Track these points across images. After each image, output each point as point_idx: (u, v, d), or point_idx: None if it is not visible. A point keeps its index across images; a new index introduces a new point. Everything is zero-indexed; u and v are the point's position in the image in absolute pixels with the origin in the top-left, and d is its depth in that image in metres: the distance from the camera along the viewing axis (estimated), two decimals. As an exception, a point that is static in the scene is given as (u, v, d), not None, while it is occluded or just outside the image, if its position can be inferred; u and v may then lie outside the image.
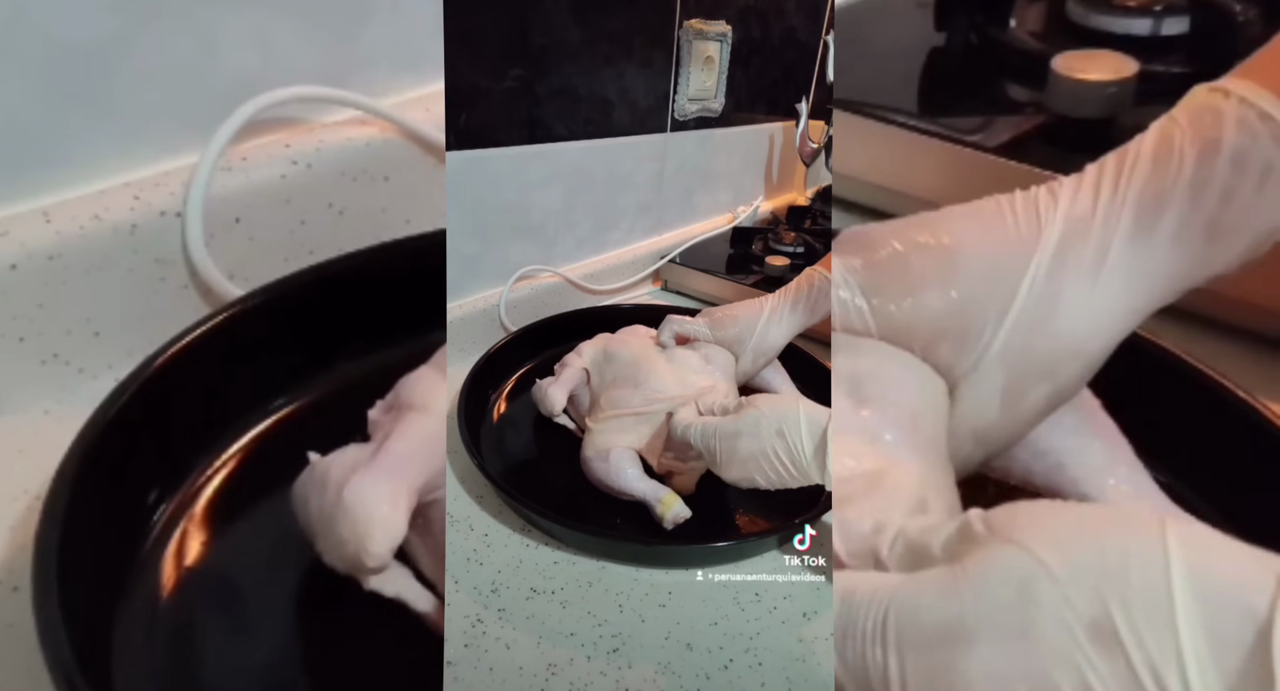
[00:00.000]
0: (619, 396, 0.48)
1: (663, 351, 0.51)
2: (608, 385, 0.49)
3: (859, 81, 0.67)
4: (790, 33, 0.88)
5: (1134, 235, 0.29)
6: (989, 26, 0.71)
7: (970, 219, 0.31)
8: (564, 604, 0.41)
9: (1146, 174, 0.29)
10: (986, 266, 0.30)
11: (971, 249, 0.30)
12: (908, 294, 0.31)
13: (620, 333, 0.54)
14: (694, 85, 0.76)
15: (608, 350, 0.51)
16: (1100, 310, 0.29)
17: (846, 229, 0.33)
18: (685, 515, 0.45)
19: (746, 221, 0.87)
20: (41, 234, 0.43)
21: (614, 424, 0.47)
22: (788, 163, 0.97)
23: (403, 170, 0.56)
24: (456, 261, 0.63)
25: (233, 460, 0.42)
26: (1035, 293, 0.29)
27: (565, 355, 0.53)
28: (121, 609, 0.34)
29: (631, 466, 0.46)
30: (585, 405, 0.51)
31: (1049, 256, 0.29)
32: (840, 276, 0.31)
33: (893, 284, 0.31)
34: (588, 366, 0.51)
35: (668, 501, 0.45)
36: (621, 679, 0.37)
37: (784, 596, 0.42)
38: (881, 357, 0.31)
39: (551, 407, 0.50)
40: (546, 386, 0.51)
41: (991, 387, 0.31)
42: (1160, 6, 0.65)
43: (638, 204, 0.77)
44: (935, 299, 0.30)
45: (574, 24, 0.64)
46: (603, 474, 0.46)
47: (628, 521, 0.46)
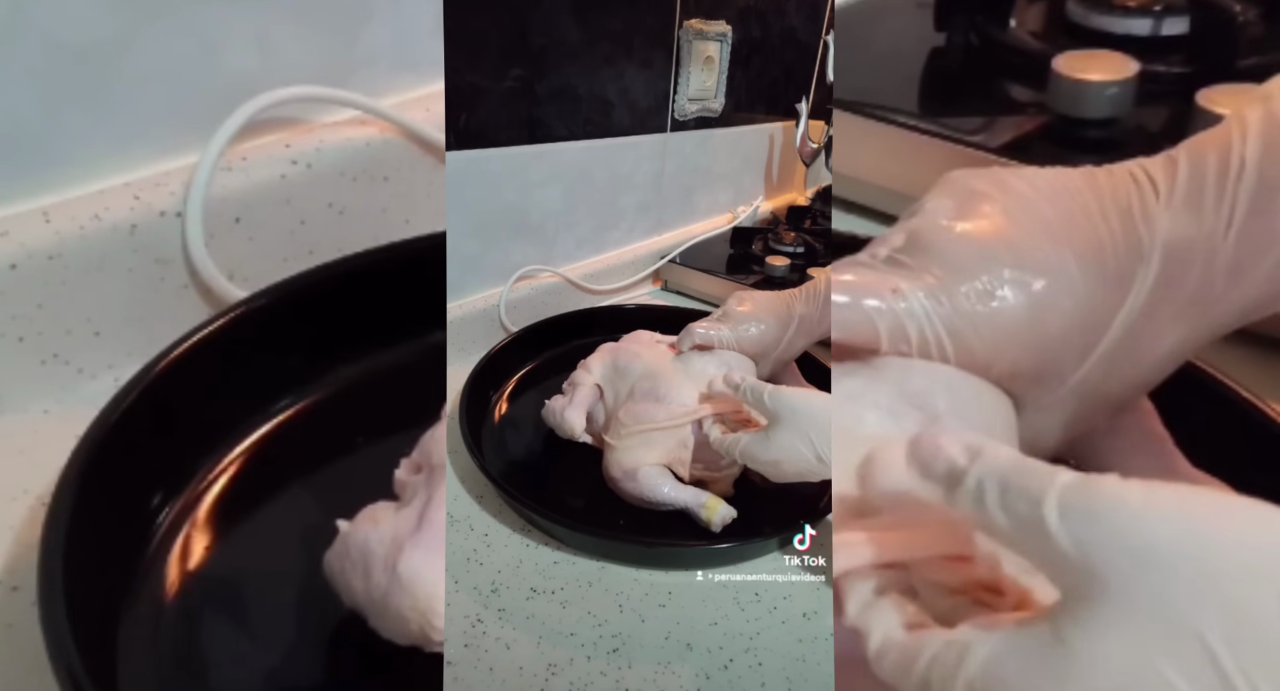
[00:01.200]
0: (641, 411, 0.47)
1: (677, 359, 0.50)
2: (625, 400, 0.48)
3: (859, 81, 0.67)
4: (790, 33, 0.88)
5: (1235, 271, 0.27)
6: (989, 26, 0.71)
7: (1065, 239, 0.28)
8: (564, 604, 0.41)
9: (1253, 188, 0.26)
10: (1080, 305, 0.28)
11: (1064, 285, 0.28)
12: (991, 329, 0.28)
13: (625, 342, 0.53)
14: (694, 85, 0.76)
15: (617, 363, 0.50)
16: (1179, 343, 0.28)
17: (952, 172, 0.31)
18: (731, 515, 0.45)
19: (746, 221, 0.87)
20: (41, 234, 0.43)
21: (638, 440, 0.46)
22: (788, 163, 0.97)
23: (403, 170, 0.56)
24: (456, 261, 0.63)
25: (236, 462, 0.42)
26: (1123, 332, 0.28)
27: (573, 373, 0.52)
28: (126, 611, 0.34)
29: (664, 481, 0.45)
30: (600, 420, 0.50)
31: (1145, 294, 0.28)
32: (920, 301, 0.29)
33: (978, 319, 0.28)
34: (599, 383, 0.50)
35: (711, 505, 0.45)
36: (621, 679, 0.37)
37: (784, 596, 0.42)
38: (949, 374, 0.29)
39: (571, 432, 0.49)
40: (561, 410, 0.50)
41: (1058, 417, 0.30)
42: (1160, 6, 0.65)
43: (638, 204, 0.77)
44: (1021, 339, 0.28)
45: (574, 24, 0.64)
46: (635, 491, 0.46)
47: (628, 521, 0.46)
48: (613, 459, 0.47)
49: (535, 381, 0.59)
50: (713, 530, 0.44)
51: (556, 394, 0.52)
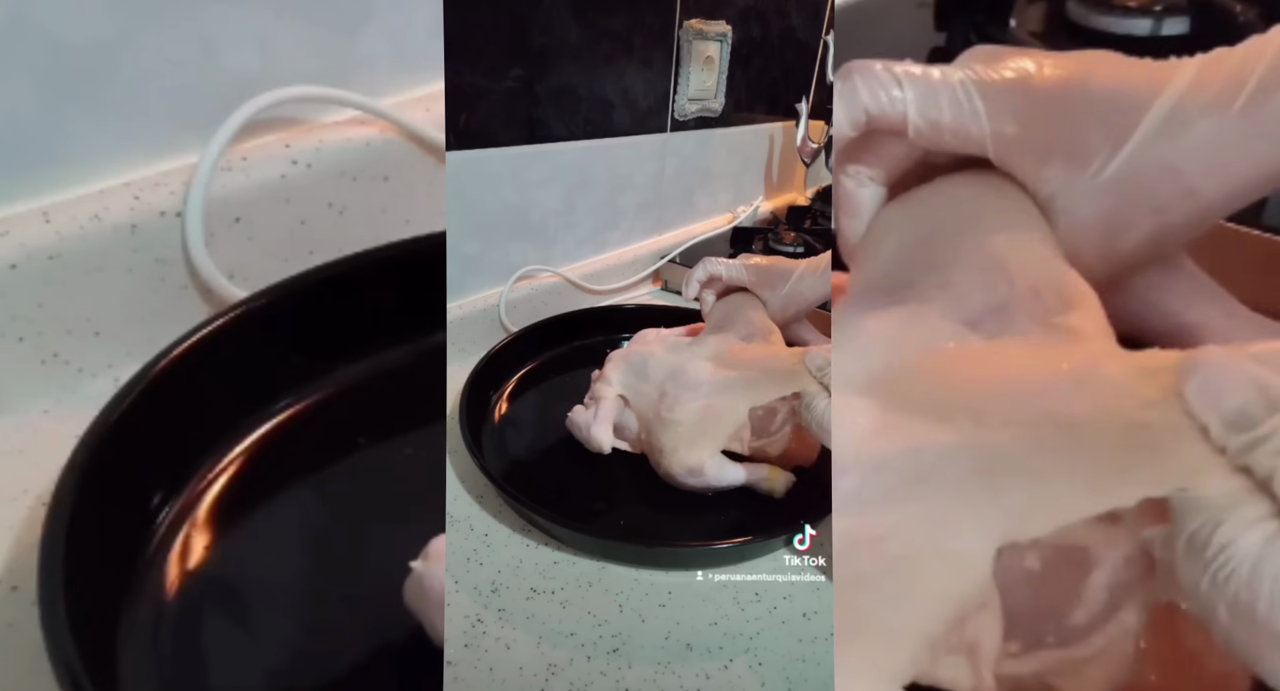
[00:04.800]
0: (682, 410, 0.47)
1: (691, 345, 0.51)
2: (657, 402, 0.49)
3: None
4: (790, 33, 0.88)
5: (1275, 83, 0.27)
6: (989, 26, 0.71)
7: (1101, 56, 0.29)
8: (564, 604, 0.41)
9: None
10: (1114, 89, 0.28)
11: (1101, 74, 0.29)
12: (1029, 106, 0.29)
13: (635, 345, 0.53)
14: (694, 85, 0.76)
15: (635, 368, 0.51)
16: (1222, 148, 0.28)
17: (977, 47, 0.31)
18: (791, 480, 0.47)
19: (746, 221, 0.87)
20: (41, 234, 0.43)
21: (689, 437, 0.47)
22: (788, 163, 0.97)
23: (403, 170, 0.56)
24: (456, 261, 0.63)
25: (236, 462, 0.42)
26: (1160, 122, 0.28)
27: (593, 386, 0.52)
28: (126, 612, 0.34)
29: (727, 468, 0.47)
30: (632, 428, 0.50)
31: (1183, 86, 0.28)
32: (960, 78, 0.29)
33: (1015, 95, 0.29)
34: (622, 393, 0.50)
35: (772, 476, 0.47)
36: (621, 679, 0.37)
37: (784, 596, 0.42)
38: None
39: (600, 447, 0.49)
40: (587, 427, 0.49)
41: (1095, 214, 0.29)
42: (1160, 6, 0.65)
43: (638, 204, 0.77)
44: (1056, 113, 0.29)
45: (574, 24, 0.64)
46: (700, 484, 0.47)
47: (628, 521, 0.46)
48: (674, 460, 0.47)
49: (535, 381, 0.59)
50: (776, 498, 0.47)
51: (578, 405, 0.51)
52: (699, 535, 0.45)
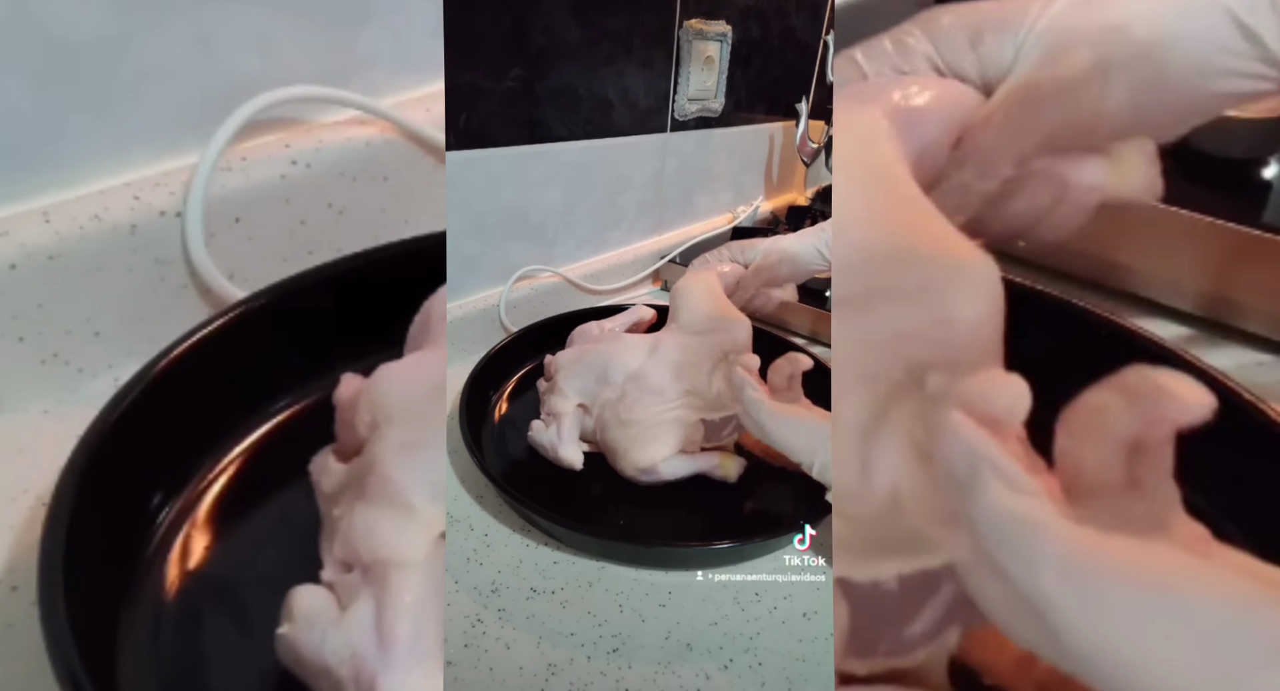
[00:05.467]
0: (641, 412, 0.48)
1: (652, 350, 0.50)
2: (615, 403, 0.49)
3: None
4: (790, 33, 0.88)
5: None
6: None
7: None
8: (564, 604, 0.41)
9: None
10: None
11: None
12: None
13: (584, 343, 0.54)
14: (694, 85, 0.76)
15: (595, 371, 0.50)
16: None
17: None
18: (743, 464, 0.48)
19: (746, 221, 0.87)
20: (41, 234, 0.43)
21: (644, 436, 0.47)
22: (788, 163, 0.97)
23: (403, 170, 0.56)
24: (456, 261, 0.63)
25: (235, 463, 0.42)
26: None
27: (549, 400, 0.51)
28: (126, 612, 0.34)
29: (679, 463, 0.47)
30: (589, 429, 0.50)
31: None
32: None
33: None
34: (581, 402, 0.50)
35: (724, 463, 0.48)
36: (621, 679, 0.37)
37: (784, 596, 0.42)
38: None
39: (573, 466, 0.49)
40: (554, 448, 0.49)
41: (1033, 57, 0.31)
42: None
43: (638, 204, 0.77)
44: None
45: (574, 24, 0.64)
46: (654, 481, 0.47)
47: (628, 521, 0.46)
48: (628, 460, 0.47)
49: (535, 381, 0.59)
50: (730, 482, 0.48)
51: (536, 421, 0.51)
52: (699, 535, 0.45)
